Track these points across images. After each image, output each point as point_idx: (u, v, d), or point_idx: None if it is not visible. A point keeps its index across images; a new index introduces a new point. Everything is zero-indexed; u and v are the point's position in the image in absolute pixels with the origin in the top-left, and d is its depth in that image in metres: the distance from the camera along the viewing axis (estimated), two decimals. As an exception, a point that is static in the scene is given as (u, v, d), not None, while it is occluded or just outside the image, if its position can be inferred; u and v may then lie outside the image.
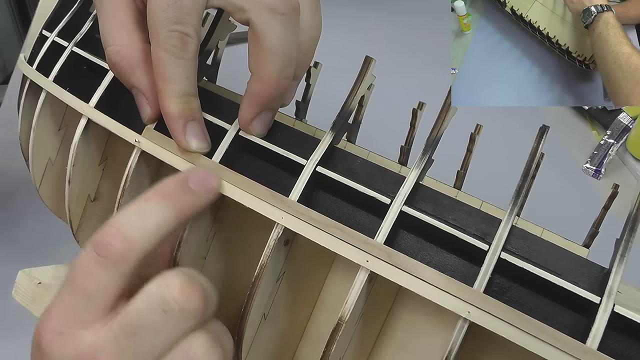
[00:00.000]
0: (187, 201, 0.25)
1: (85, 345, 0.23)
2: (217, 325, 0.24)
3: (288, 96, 0.30)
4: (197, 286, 0.23)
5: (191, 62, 0.27)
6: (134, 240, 0.23)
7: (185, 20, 0.26)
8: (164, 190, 0.24)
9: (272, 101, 0.27)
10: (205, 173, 0.26)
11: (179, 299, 0.22)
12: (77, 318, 0.23)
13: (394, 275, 0.24)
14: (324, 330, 0.31)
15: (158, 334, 0.22)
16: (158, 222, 0.24)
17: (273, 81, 0.27)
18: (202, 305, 0.23)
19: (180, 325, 0.23)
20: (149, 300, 0.22)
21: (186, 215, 0.25)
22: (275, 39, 0.26)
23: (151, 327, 0.22)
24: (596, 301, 0.22)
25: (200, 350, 0.23)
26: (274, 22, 0.26)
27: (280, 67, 0.26)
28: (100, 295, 0.23)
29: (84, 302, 0.23)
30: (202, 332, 0.23)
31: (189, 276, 0.23)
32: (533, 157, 0.25)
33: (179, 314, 0.22)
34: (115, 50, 0.28)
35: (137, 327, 0.22)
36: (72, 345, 0.23)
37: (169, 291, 0.22)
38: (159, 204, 0.24)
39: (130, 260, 0.23)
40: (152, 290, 0.23)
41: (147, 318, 0.22)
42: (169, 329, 0.22)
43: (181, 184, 0.25)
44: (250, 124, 0.28)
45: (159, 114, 0.28)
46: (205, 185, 0.26)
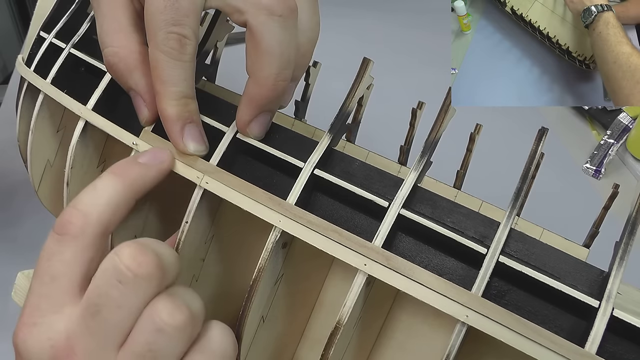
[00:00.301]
0: (135, 172, 0.26)
1: (58, 333, 0.23)
2: (180, 288, 0.24)
3: (286, 98, 0.30)
4: (148, 252, 0.23)
5: (189, 64, 0.27)
6: (89, 214, 0.24)
7: (183, 22, 0.26)
8: (114, 167, 0.26)
9: (270, 103, 0.27)
10: (154, 149, 0.28)
11: (131, 266, 0.22)
12: (47, 304, 0.23)
13: (392, 278, 0.24)
14: (322, 332, 0.31)
15: (120, 307, 0.22)
16: (109, 194, 0.25)
17: (271, 83, 0.27)
18: (155, 269, 0.23)
19: (139, 293, 0.23)
20: (104, 275, 0.23)
21: (135, 186, 0.26)
22: (272, 41, 0.26)
23: (112, 302, 0.22)
24: (595, 305, 0.22)
25: (164, 313, 0.22)
26: (272, 24, 0.26)
27: (278, 69, 0.26)
28: (66, 275, 0.24)
29: (51, 285, 0.23)
30: (164, 295, 0.23)
31: (139, 244, 0.23)
32: (532, 159, 0.25)
33: (134, 281, 0.22)
34: (113, 52, 0.28)
35: (99, 305, 0.22)
36: (45, 335, 0.23)
37: (121, 261, 0.22)
38: (109, 178, 0.25)
39: (88, 233, 0.24)
40: (106, 265, 0.23)
41: (106, 293, 0.22)
42: (129, 299, 0.22)
43: (131, 160, 0.27)
44: (248, 126, 0.28)
45: (157, 116, 0.28)
46: (154, 158, 0.27)
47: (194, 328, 0.23)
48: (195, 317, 0.23)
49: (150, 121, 0.29)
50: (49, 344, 0.23)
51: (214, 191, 0.27)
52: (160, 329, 0.22)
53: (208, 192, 0.27)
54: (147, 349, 0.22)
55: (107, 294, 0.22)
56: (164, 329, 0.22)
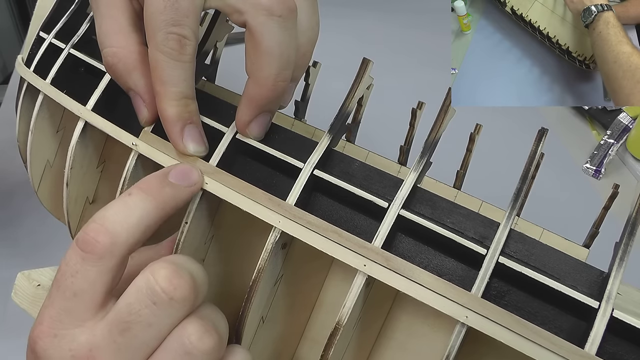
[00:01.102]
0: (167, 194, 0.25)
1: (79, 344, 0.23)
2: (209, 309, 0.25)
3: (286, 98, 0.30)
4: (184, 274, 0.23)
5: (189, 64, 0.27)
6: (118, 234, 0.23)
7: (183, 22, 0.26)
8: (145, 184, 0.25)
9: (269, 103, 0.27)
10: (185, 167, 0.27)
11: (167, 289, 0.22)
12: (69, 318, 0.23)
13: (392, 279, 0.24)
14: (322, 332, 0.31)
15: (150, 326, 0.22)
16: (140, 214, 0.24)
17: (270, 83, 0.26)
18: (190, 292, 0.23)
19: (171, 314, 0.23)
20: (137, 294, 0.23)
21: (167, 208, 0.25)
22: (272, 41, 0.26)
23: (143, 321, 0.22)
24: (595, 306, 0.22)
25: (194, 336, 0.23)
26: (271, 24, 0.26)
27: (277, 69, 0.26)
28: (89, 292, 0.23)
29: (73, 301, 0.23)
30: (195, 318, 0.23)
31: (175, 265, 0.23)
32: (532, 159, 0.25)
33: (168, 304, 0.22)
34: (112, 52, 0.28)
35: (129, 322, 0.22)
36: (66, 346, 0.23)
37: (157, 282, 0.22)
38: (140, 197, 0.24)
39: (116, 254, 0.23)
40: (140, 284, 0.23)
41: (137, 312, 0.22)
42: (161, 320, 0.23)
43: (161, 178, 0.26)
44: (247, 127, 0.28)
45: (157, 116, 0.28)
46: (185, 178, 0.26)
47: (219, 352, 0.24)
48: (222, 341, 0.24)
49: (149, 121, 0.29)
50: (70, 354, 0.23)
51: (214, 192, 0.27)
52: (189, 352, 0.22)
53: (207, 192, 0.27)
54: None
55: (139, 312, 0.22)
56: (192, 352, 0.22)
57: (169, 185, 0.26)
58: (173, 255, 0.25)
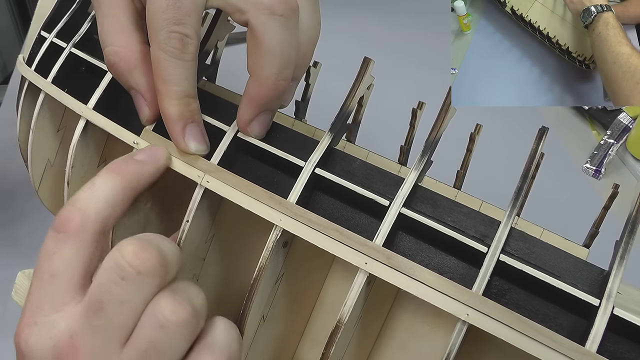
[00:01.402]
0: (132, 169, 0.26)
1: (60, 332, 0.23)
2: (182, 283, 0.24)
3: (287, 97, 0.30)
4: (150, 248, 0.23)
5: (191, 63, 0.27)
6: (87, 211, 0.24)
7: (185, 21, 0.26)
8: (111, 165, 0.26)
9: (270, 102, 0.27)
10: (150, 146, 0.28)
11: (133, 263, 0.22)
12: (48, 303, 0.23)
13: (393, 277, 0.24)
14: (323, 331, 0.31)
15: (123, 304, 0.22)
16: (106, 191, 0.25)
17: (271, 83, 0.27)
18: (158, 265, 0.23)
19: (142, 290, 0.23)
20: (106, 273, 0.23)
21: (133, 182, 0.26)
22: (274, 40, 0.26)
23: (115, 299, 0.22)
24: (595, 304, 0.22)
25: (167, 310, 0.23)
26: (273, 24, 0.26)
27: (278, 68, 0.26)
28: (66, 273, 0.24)
29: (51, 284, 0.23)
30: (166, 292, 0.23)
31: (141, 240, 0.23)
32: (532, 158, 0.25)
33: (137, 277, 0.22)
34: (114, 51, 0.28)
35: (102, 302, 0.22)
36: (46, 334, 0.23)
37: (123, 258, 0.23)
38: (106, 176, 0.26)
39: (88, 230, 0.24)
40: (109, 262, 0.23)
41: (108, 290, 0.22)
42: (132, 295, 0.23)
43: (127, 157, 0.27)
44: (248, 126, 0.28)
45: (158, 115, 0.28)
46: (150, 156, 0.27)
47: (197, 324, 0.23)
48: (198, 313, 0.23)
49: (151, 120, 0.29)
50: (52, 343, 0.23)
51: (215, 190, 0.27)
52: (163, 325, 0.22)
53: (209, 191, 0.27)
54: (151, 345, 0.22)
55: (110, 291, 0.22)
56: (166, 325, 0.22)
57: (134, 162, 0.27)
58: (141, 234, 0.25)
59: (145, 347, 0.22)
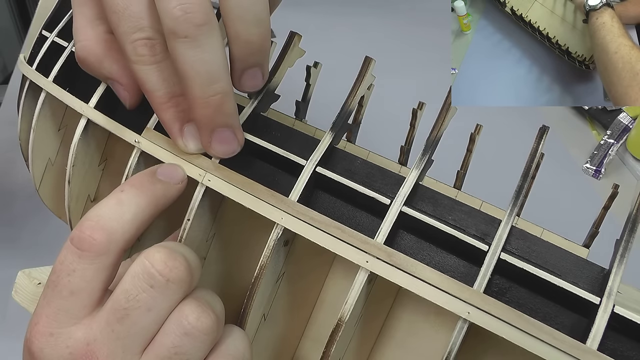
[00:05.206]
0: (159, 190, 0.26)
1: (76, 341, 0.23)
2: (203, 290, 0.25)
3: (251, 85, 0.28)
4: (178, 256, 0.23)
5: (163, 62, 0.26)
6: (114, 231, 0.24)
7: (140, 24, 0.25)
8: (136, 181, 0.25)
9: (214, 121, 0.26)
10: (171, 166, 0.27)
11: (163, 271, 0.23)
12: (66, 317, 0.23)
13: (394, 275, 0.24)
14: (324, 330, 0.31)
15: (149, 311, 0.23)
16: (135, 211, 0.24)
17: (201, 104, 0.25)
18: (186, 273, 0.23)
19: (169, 297, 0.23)
20: (134, 280, 0.23)
21: (159, 204, 0.26)
22: (185, 65, 0.24)
23: (142, 306, 0.23)
24: (596, 302, 0.22)
25: (192, 317, 0.23)
26: (180, 47, 0.24)
27: (200, 90, 0.25)
28: (86, 291, 0.23)
29: (70, 300, 0.23)
30: (191, 299, 0.24)
31: (169, 249, 0.23)
32: (533, 157, 0.25)
33: (165, 286, 0.23)
34: (81, 46, 0.28)
35: (127, 309, 0.23)
36: (63, 344, 0.23)
37: (153, 266, 0.23)
38: (134, 193, 0.25)
39: (113, 251, 0.24)
40: (136, 269, 0.23)
41: (135, 297, 0.23)
42: (159, 303, 0.23)
43: (151, 175, 0.26)
44: (210, 148, 0.27)
45: (140, 96, 0.28)
46: (172, 176, 0.27)
47: (218, 331, 0.24)
48: (219, 320, 0.24)
49: (134, 103, 0.29)
50: (68, 351, 0.23)
51: (216, 189, 0.27)
52: (188, 332, 0.23)
53: (210, 189, 0.27)
54: (173, 352, 0.23)
55: (137, 298, 0.23)
56: (191, 332, 0.23)
57: (160, 182, 0.26)
58: (164, 242, 0.25)
59: (168, 353, 0.23)
